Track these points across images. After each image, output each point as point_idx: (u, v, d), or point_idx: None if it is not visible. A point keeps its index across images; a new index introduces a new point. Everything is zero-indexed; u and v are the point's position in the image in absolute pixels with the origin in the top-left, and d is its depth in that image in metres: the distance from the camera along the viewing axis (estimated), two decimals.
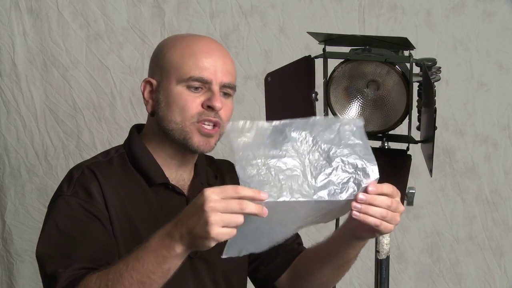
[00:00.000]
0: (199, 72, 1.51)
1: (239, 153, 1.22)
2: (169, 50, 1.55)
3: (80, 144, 2.47)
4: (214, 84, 1.51)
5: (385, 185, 1.27)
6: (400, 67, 1.53)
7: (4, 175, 2.49)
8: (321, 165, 1.24)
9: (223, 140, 1.53)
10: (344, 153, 1.26)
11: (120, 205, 1.50)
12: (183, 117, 1.51)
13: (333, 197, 1.23)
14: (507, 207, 2.51)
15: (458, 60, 2.45)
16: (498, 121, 2.48)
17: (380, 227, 1.28)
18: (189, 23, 2.43)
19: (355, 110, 1.59)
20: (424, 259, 2.55)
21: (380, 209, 1.26)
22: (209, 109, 1.51)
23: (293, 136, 1.25)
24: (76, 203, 1.48)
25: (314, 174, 1.23)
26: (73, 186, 1.50)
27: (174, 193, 1.56)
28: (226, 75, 1.53)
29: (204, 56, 1.52)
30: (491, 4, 2.41)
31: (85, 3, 2.41)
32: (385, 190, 1.27)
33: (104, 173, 1.51)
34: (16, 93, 2.45)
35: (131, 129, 1.64)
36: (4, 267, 2.54)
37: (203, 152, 1.55)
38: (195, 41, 1.56)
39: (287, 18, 2.44)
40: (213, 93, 1.51)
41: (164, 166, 1.56)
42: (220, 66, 1.52)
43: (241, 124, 1.26)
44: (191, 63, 1.52)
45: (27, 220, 2.51)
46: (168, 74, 1.53)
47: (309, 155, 1.25)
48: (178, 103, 1.51)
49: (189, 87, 1.51)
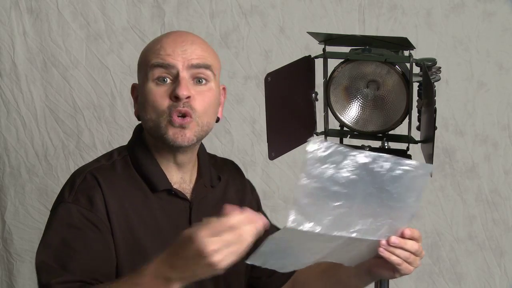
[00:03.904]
0: (160, 59, 1.47)
1: (306, 178, 1.19)
2: (142, 52, 1.56)
3: (80, 144, 2.47)
4: (180, 70, 1.47)
5: (416, 230, 1.32)
6: (400, 67, 1.53)
7: (4, 175, 2.49)
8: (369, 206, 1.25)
9: (223, 140, 1.52)
10: (393, 197, 1.26)
11: (122, 213, 1.48)
12: (157, 114, 1.48)
13: (365, 235, 1.25)
14: (507, 207, 2.51)
15: (458, 60, 2.45)
16: (498, 121, 2.48)
17: (401, 266, 1.32)
18: (189, 23, 2.43)
19: (355, 110, 1.59)
20: (424, 259, 2.53)
21: (406, 252, 1.31)
22: (176, 99, 1.47)
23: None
24: (77, 211, 1.45)
25: (359, 215, 1.24)
26: (74, 193, 1.47)
27: (178, 198, 1.55)
28: (194, 57, 1.49)
29: (167, 46, 1.49)
30: (491, 4, 2.41)
31: (85, 3, 2.41)
32: (415, 235, 1.32)
33: (107, 180, 1.49)
34: (16, 93, 2.45)
35: (135, 130, 1.62)
36: (4, 267, 2.54)
37: (182, 145, 1.49)
38: (165, 36, 1.54)
39: (287, 18, 2.44)
40: (178, 82, 1.47)
41: (167, 169, 1.55)
42: (186, 49, 1.48)
43: (321, 152, 1.20)
44: (154, 54, 1.49)
45: (27, 220, 2.51)
46: (142, 74, 1.52)
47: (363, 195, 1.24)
48: (149, 101, 1.49)
49: (156, 81, 1.48)
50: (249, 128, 2.48)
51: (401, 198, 1.27)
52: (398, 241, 1.30)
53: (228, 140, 2.47)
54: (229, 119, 2.46)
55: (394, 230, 1.31)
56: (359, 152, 1.21)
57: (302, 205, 1.17)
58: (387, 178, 1.24)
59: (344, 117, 1.60)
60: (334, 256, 1.32)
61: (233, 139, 2.48)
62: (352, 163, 1.20)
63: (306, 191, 1.18)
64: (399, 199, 1.27)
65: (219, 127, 2.46)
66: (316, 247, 1.27)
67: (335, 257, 1.33)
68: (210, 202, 1.61)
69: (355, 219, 1.24)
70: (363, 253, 1.35)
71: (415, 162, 1.26)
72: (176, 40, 1.51)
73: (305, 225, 1.17)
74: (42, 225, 2.54)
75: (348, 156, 1.20)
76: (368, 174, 1.22)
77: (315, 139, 1.17)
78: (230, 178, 1.68)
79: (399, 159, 1.25)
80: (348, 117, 1.60)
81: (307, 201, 1.17)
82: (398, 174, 1.24)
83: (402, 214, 1.30)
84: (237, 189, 1.70)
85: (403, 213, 1.30)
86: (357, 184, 1.21)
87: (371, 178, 1.22)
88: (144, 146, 1.56)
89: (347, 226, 1.23)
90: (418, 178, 1.27)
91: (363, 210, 1.24)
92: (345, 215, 1.22)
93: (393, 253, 1.31)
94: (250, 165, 2.49)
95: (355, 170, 1.21)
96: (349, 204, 1.22)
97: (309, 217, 1.17)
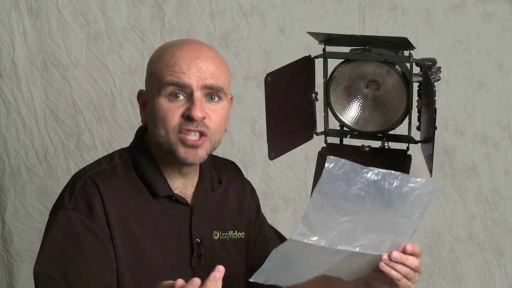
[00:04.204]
0: (175, 78, 1.46)
1: (318, 195, 1.20)
2: (153, 60, 1.51)
3: (80, 144, 2.47)
4: (195, 90, 1.46)
5: (417, 246, 1.33)
6: (400, 67, 1.53)
7: (4, 175, 2.49)
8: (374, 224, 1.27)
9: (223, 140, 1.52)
10: (399, 214, 1.28)
11: (122, 219, 1.48)
12: (166, 130, 1.47)
13: (368, 250, 1.27)
14: (507, 207, 2.51)
15: (458, 60, 2.45)
16: (498, 121, 2.48)
17: (400, 281, 1.34)
18: (189, 23, 2.43)
19: (355, 110, 1.59)
20: (424, 259, 2.55)
21: (406, 268, 1.32)
22: (190, 119, 1.46)
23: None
24: (77, 218, 1.45)
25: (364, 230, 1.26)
26: (74, 198, 1.47)
27: (178, 204, 1.54)
28: (208, 77, 1.48)
29: (182, 63, 1.47)
30: (491, 4, 2.41)
31: (85, 3, 2.41)
32: (416, 251, 1.33)
33: (107, 185, 1.48)
34: (16, 93, 2.45)
35: (137, 132, 1.60)
36: (4, 267, 2.54)
37: (194, 163, 1.50)
38: (179, 48, 1.50)
39: (287, 18, 2.44)
40: (192, 102, 1.46)
41: (170, 176, 1.54)
42: (200, 66, 1.47)
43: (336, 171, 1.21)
44: (168, 71, 1.47)
45: (27, 220, 2.51)
46: (152, 86, 1.50)
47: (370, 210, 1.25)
48: (159, 116, 1.47)
49: (169, 96, 1.46)
50: (249, 128, 2.48)
51: (407, 214, 1.29)
52: (399, 256, 1.31)
53: (228, 140, 2.47)
54: (229, 119, 2.46)
55: (396, 245, 1.33)
56: (370, 170, 1.23)
57: (311, 219, 1.19)
58: (395, 195, 1.26)
59: (344, 117, 1.60)
60: (335, 270, 1.34)
61: (233, 139, 2.48)
62: (363, 181, 1.22)
63: (318, 206, 1.20)
64: (405, 215, 1.29)
65: None
66: (319, 261, 1.28)
67: (335, 271, 1.35)
68: (210, 206, 1.61)
69: (360, 233, 1.26)
70: (362, 267, 1.37)
71: (422, 180, 1.27)
72: (191, 56, 1.48)
73: (311, 238, 1.19)
74: (42, 225, 2.54)
75: (359, 173, 1.22)
76: (377, 191, 1.24)
77: (331, 158, 1.19)
78: (231, 178, 1.68)
79: (407, 177, 1.26)
80: (348, 117, 1.60)
81: (317, 216, 1.19)
82: (405, 192, 1.26)
83: (405, 229, 1.32)
84: (237, 191, 1.70)
85: (407, 229, 1.32)
86: (365, 200, 1.23)
87: (379, 195, 1.24)
88: (146, 152, 1.55)
89: (352, 241, 1.25)
90: (424, 196, 1.28)
91: (368, 225, 1.26)
92: (350, 230, 1.24)
93: (393, 268, 1.32)
94: (250, 165, 2.49)
95: (365, 187, 1.23)
96: (355, 219, 1.24)
97: (315, 230, 1.19)
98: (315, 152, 1.63)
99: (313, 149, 1.65)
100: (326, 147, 1.64)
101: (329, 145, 1.65)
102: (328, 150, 1.63)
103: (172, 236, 1.53)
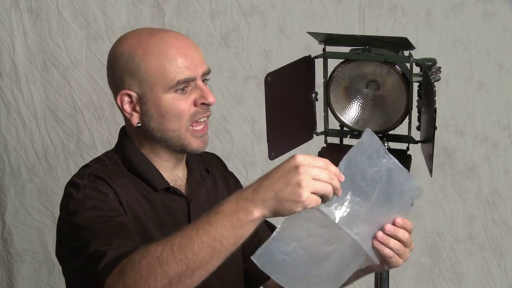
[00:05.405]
0: (183, 74, 1.48)
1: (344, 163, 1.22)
2: (142, 59, 1.50)
3: (80, 144, 2.47)
4: (198, 79, 1.51)
5: (408, 221, 1.35)
6: (400, 67, 1.53)
7: (4, 175, 2.49)
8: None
9: (223, 140, 1.52)
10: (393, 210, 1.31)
11: (130, 207, 1.48)
12: (180, 124, 1.50)
13: (360, 240, 1.29)
14: (507, 207, 2.52)
15: (458, 60, 2.45)
16: (498, 121, 2.48)
17: (392, 259, 1.35)
18: (189, 23, 2.43)
19: (355, 110, 1.59)
20: (424, 259, 2.55)
21: (398, 243, 1.34)
22: (202, 105, 1.51)
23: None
24: (91, 201, 1.43)
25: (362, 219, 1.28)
26: (83, 190, 1.45)
27: (176, 196, 1.56)
28: (203, 64, 1.52)
29: (180, 55, 1.49)
30: (491, 4, 2.41)
31: (85, 3, 2.42)
32: (408, 226, 1.35)
33: (111, 178, 1.49)
34: (16, 93, 2.45)
35: (121, 133, 1.61)
36: (4, 267, 2.54)
37: (201, 151, 1.55)
38: (163, 41, 1.50)
39: (287, 18, 2.44)
40: (202, 89, 1.51)
41: (161, 169, 1.56)
42: (196, 59, 1.51)
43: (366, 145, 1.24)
44: (172, 68, 1.48)
45: (27, 220, 2.51)
46: (152, 85, 1.49)
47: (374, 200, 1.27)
48: (173, 111, 1.49)
49: (176, 90, 1.49)
50: (249, 128, 2.48)
51: (395, 214, 1.32)
52: (393, 229, 1.33)
53: (228, 140, 2.47)
54: (229, 119, 2.47)
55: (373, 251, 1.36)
56: (390, 157, 1.25)
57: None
58: (397, 190, 1.28)
59: (344, 117, 1.60)
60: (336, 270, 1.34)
61: (233, 139, 2.48)
62: (381, 165, 1.24)
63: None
64: (396, 213, 1.32)
65: (219, 127, 2.46)
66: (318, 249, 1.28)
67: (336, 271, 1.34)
68: (204, 196, 1.63)
69: (360, 220, 1.27)
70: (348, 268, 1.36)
71: (416, 184, 1.29)
72: (183, 48, 1.51)
73: (325, 208, 1.21)
74: (42, 225, 2.56)
75: (380, 156, 1.24)
76: (388, 180, 1.26)
77: (369, 132, 1.21)
78: (216, 169, 1.70)
79: (410, 176, 1.29)
80: (348, 117, 1.60)
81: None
82: (404, 190, 1.29)
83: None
84: (223, 181, 1.72)
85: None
86: (376, 186, 1.25)
87: (387, 185, 1.26)
88: (137, 150, 1.56)
89: (352, 225, 1.26)
90: (409, 199, 1.31)
91: (366, 214, 1.27)
92: (356, 213, 1.25)
93: (387, 245, 1.33)
94: (250, 165, 2.49)
95: (380, 172, 1.24)
96: (363, 203, 1.25)
97: (329, 202, 1.20)
98: (315, 152, 1.63)
99: (313, 149, 1.65)
100: (326, 147, 1.64)
101: (329, 145, 1.65)
102: (328, 150, 1.63)
103: (173, 227, 1.53)
